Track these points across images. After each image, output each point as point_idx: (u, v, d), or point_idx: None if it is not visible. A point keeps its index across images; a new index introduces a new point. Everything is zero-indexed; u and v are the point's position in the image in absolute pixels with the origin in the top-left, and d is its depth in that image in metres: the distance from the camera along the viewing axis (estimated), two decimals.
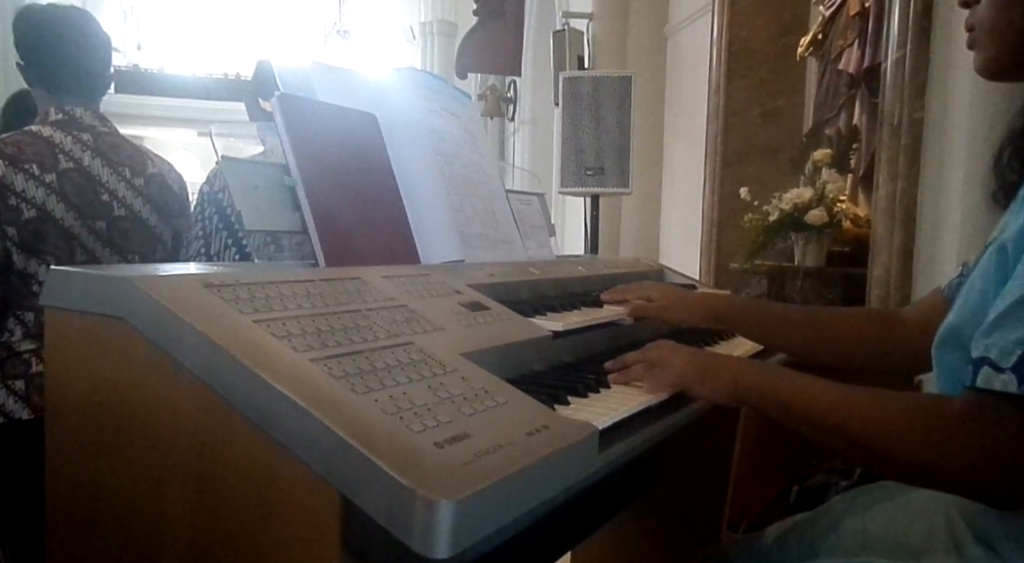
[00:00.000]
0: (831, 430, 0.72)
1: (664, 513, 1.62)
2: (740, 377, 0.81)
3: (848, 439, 0.71)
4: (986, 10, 0.76)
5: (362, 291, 0.80)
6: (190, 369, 0.61)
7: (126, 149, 1.58)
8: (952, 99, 1.92)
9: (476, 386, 0.67)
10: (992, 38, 0.75)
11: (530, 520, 0.59)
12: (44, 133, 1.47)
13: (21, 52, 1.53)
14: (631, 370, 0.86)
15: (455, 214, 1.17)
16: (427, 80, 1.29)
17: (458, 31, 11.47)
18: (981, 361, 0.63)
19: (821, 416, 0.73)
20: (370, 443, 0.52)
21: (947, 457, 0.64)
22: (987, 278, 0.69)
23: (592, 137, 2.80)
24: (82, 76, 1.54)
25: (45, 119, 1.51)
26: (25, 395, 1.38)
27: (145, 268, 0.75)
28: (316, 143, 0.94)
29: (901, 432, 0.67)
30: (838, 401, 0.72)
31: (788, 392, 0.76)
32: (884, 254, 2.13)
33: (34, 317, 1.43)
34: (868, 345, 1.00)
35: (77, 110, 1.52)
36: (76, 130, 1.51)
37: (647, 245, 4.54)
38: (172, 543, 0.64)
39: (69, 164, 1.46)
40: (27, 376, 1.39)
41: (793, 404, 0.75)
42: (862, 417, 0.70)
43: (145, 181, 1.58)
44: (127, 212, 1.54)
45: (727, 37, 3.48)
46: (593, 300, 1.17)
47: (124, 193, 1.54)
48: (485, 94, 8.25)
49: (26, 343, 1.42)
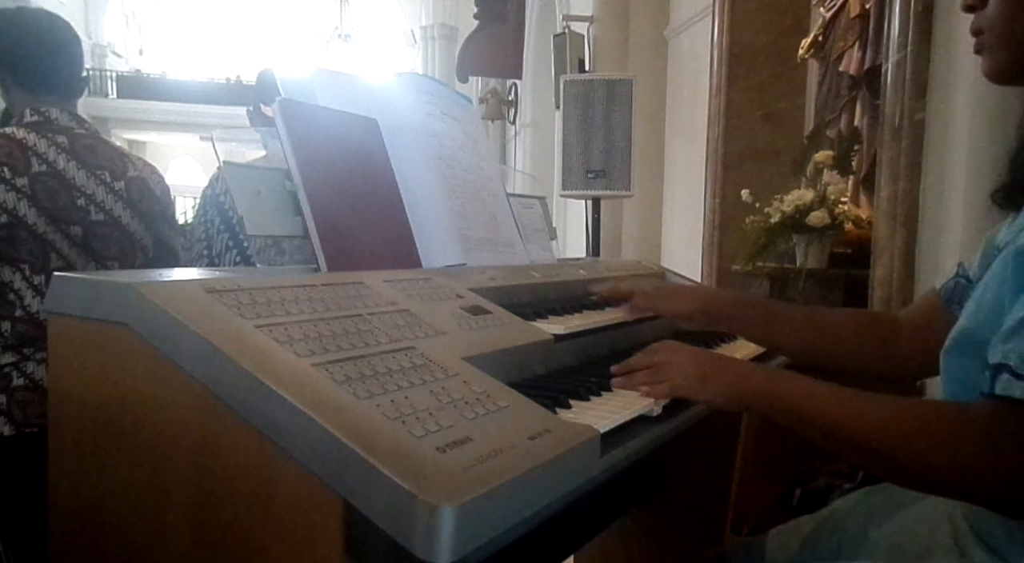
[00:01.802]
0: (843, 437, 0.70)
1: (667, 516, 1.62)
2: (745, 380, 0.79)
3: (862, 446, 0.69)
4: (995, 13, 0.74)
5: (364, 295, 0.80)
6: (192, 374, 0.61)
7: (105, 152, 1.53)
8: (953, 100, 1.92)
9: (478, 390, 0.67)
10: (1003, 42, 0.74)
11: (532, 524, 0.58)
12: (17, 135, 1.42)
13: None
14: (635, 376, 0.84)
15: (456, 218, 1.17)
16: (428, 84, 1.29)
17: (459, 35, 11.49)
18: (1000, 368, 0.61)
19: (832, 422, 0.71)
20: (372, 448, 0.52)
21: (967, 465, 0.63)
22: (1002, 283, 0.68)
23: (593, 140, 2.80)
24: (60, 78, 1.50)
25: (20, 121, 1.47)
26: (7, 410, 1.34)
27: (147, 274, 0.75)
28: (317, 148, 0.94)
29: (919, 439, 0.65)
30: (851, 407, 0.71)
31: (798, 397, 0.74)
32: (886, 255, 2.13)
33: (10, 326, 1.39)
34: (864, 347, 0.99)
35: (52, 111, 1.48)
36: (51, 132, 1.46)
37: (649, 248, 4.54)
38: (174, 548, 0.64)
39: (42, 167, 1.41)
40: (8, 390, 1.35)
41: (803, 409, 0.74)
42: (877, 424, 0.68)
43: (125, 185, 1.53)
44: (105, 217, 1.49)
45: (727, 39, 3.49)
46: (595, 303, 1.17)
47: (103, 197, 1.49)
48: (486, 97, 8.27)
49: (6, 356, 1.38)
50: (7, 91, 1.53)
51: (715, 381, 0.80)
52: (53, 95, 1.50)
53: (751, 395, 0.78)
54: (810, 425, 0.73)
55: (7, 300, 1.39)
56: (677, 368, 0.82)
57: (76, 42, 1.58)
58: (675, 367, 0.82)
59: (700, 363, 0.82)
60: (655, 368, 0.84)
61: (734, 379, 0.80)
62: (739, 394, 0.79)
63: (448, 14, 12.92)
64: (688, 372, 0.81)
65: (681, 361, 0.83)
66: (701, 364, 0.82)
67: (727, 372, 0.81)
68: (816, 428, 0.73)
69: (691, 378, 0.81)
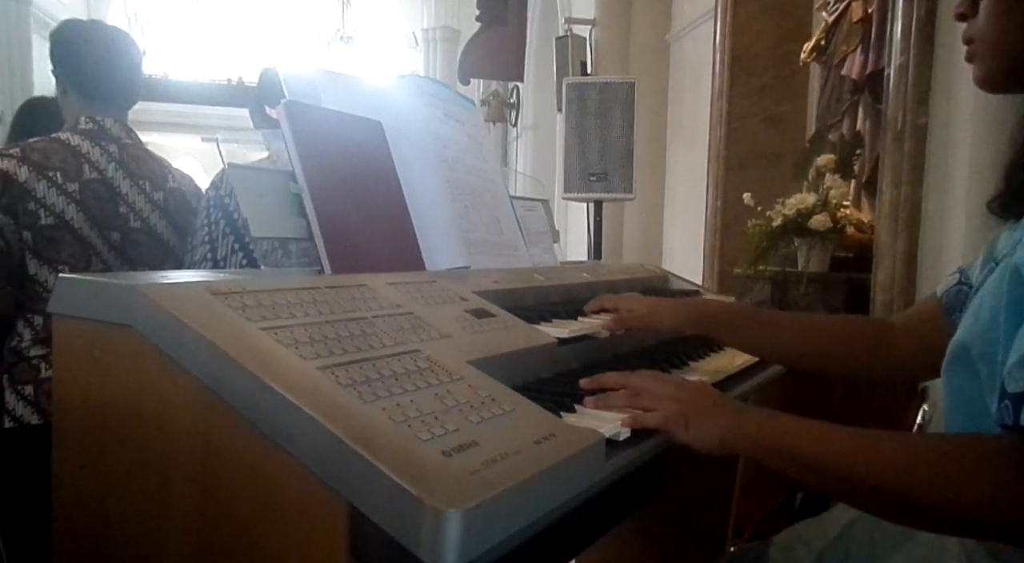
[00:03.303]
0: (853, 479, 0.66)
1: (668, 521, 1.62)
2: (732, 426, 0.73)
3: (879, 490, 0.64)
4: (985, 23, 0.74)
5: (368, 298, 0.80)
6: (197, 376, 0.61)
7: (148, 162, 1.61)
8: (955, 104, 1.92)
9: (483, 394, 0.67)
10: (993, 51, 0.74)
11: (536, 528, 0.58)
12: (72, 142, 1.50)
13: (61, 60, 1.57)
14: (611, 397, 0.77)
15: (460, 220, 1.17)
16: (431, 86, 1.29)
17: (461, 37, 11.51)
18: (1022, 398, 0.58)
19: (851, 468, 0.66)
20: (377, 452, 0.52)
21: (1002, 502, 0.59)
22: (998, 298, 0.66)
23: (595, 143, 2.81)
24: (119, 89, 1.59)
25: (75, 127, 1.54)
26: (34, 400, 1.40)
27: (152, 276, 0.75)
28: (322, 150, 0.94)
29: (942, 479, 0.61)
30: (861, 447, 0.66)
31: (798, 440, 0.69)
32: (888, 259, 2.13)
33: (43, 321, 1.45)
34: (857, 351, 0.98)
35: (107, 121, 1.56)
36: (103, 141, 1.54)
37: (650, 250, 4.54)
38: (177, 550, 0.64)
39: (93, 175, 1.49)
40: (36, 381, 1.41)
41: (805, 454, 0.68)
42: (892, 464, 0.64)
43: (164, 196, 1.61)
44: (142, 225, 1.57)
45: (729, 43, 3.49)
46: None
47: (141, 206, 1.56)
48: (488, 100, 8.28)
49: (35, 348, 1.44)
50: (65, 95, 1.60)
51: (697, 424, 0.74)
52: (109, 105, 1.58)
53: (741, 441, 0.72)
54: (822, 473, 0.67)
55: (41, 297, 1.45)
56: (659, 402, 0.76)
57: (137, 56, 1.66)
58: (656, 400, 0.76)
59: (683, 401, 0.76)
60: (634, 392, 0.77)
61: (720, 424, 0.73)
62: (720, 441, 0.73)
63: (450, 16, 12.94)
64: (669, 409, 0.75)
65: (662, 393, 0.77)
66: (684, 402, 0.75)
67: (710, 415, 0.74)
68: (821, 472, 0.67)
69: (672, 417, 0.74)
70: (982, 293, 0.72)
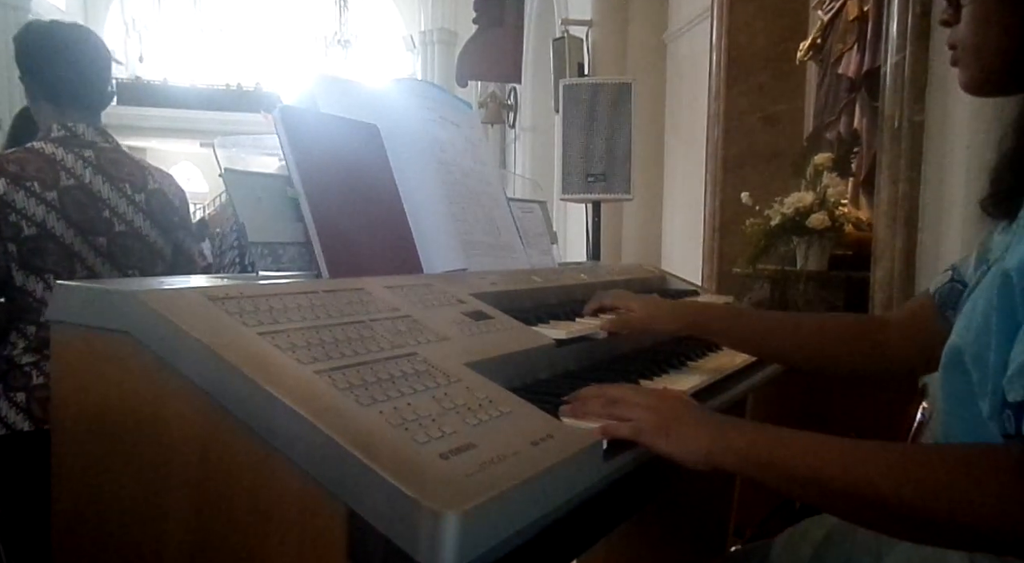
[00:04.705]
0: (854, 493, 0.63)
1: (669, 522, 1.62)
2: (716, 438, 0.69)
3: (880, 503, 0.62)
4: (966, 29, 0.76)
5: (365, 302, 0.80)
6: (195, 382, 0.61)
7: (127, 165, 1.59)
8: (952, 102, 1.92)
9: (480, 396, 0.67)
10: (974, 57, 0.76)
11: (535, 529, 0.58)
12: (46, 150, 1.48)
13: (28, 68, 1.54)
14: (588, 402, 0.75)
15: (457, 223, 1.17)
16: (428, 90, 1.29)
17: (458, 39, 11.52)
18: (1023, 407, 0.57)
19: (839, 479, 0.63)
20: (375, 455, 0.52)
21: (1009, 514, 0.58)
22: (989, 302, 0.65)
23: (593, 144, 2.81)
24: (82, 90, 1.55)
25: (47, 135, 1.52)
26: (26, 407, 1.39)
27: (149, 282, 0.75)
28: (318, 154, 0.94)
29: (947, 492, 0.59)
30: (861, 460, 0.63)
31: (800, 456, 0.66)
32: (886, 257, 2.13)
33: (35, 330, 1.45)
34: (852, 348, 0.99)
35: (79, 126, 1.53)
36: (78, 147, 1.52)
37: (649, 251, 4.54)
38: (176, 556, 0.64)
39: (70, 181, 1.47)
40: (28, 388, 1.40)
41: (800, 467, 0.65)
42: (893, 475, 0.61)
43: (146, 197, 1.60)
44: (127, 228, 1.55)
45: (726, 42, 3.49)
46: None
47: (124, 209, 1.55)
48: (486, 101, 8.29)
49: (27, 356, 1.43)
50: (35, 103, 1.58)
51: (679, 435, 0.71)
52: (80, 110, 1.56)
53: (729, 456, 0.69)
54: (821, 488, 0.65)
55: (31, 307, 1.44)
56: (635, 410, 0.73)
57: (106, 58, 1.63)
58: (632, 408, 0.73)
59: (661, 411, 0.73)
60: (609, 401, 0.75)
61: (706, 436, 0.70)
62: (708, 454, 0.69)
63: (447, 19, 12.96)
64: (647, 420, 0.72)
65: (639, 402, 0.74)
66: (662, 413, 0.73)
67: (693, 427, 0.71)
68: (828, 492, 0.64)
69: (649, 427, 0.71)
70: (975, 296, 0.71)
